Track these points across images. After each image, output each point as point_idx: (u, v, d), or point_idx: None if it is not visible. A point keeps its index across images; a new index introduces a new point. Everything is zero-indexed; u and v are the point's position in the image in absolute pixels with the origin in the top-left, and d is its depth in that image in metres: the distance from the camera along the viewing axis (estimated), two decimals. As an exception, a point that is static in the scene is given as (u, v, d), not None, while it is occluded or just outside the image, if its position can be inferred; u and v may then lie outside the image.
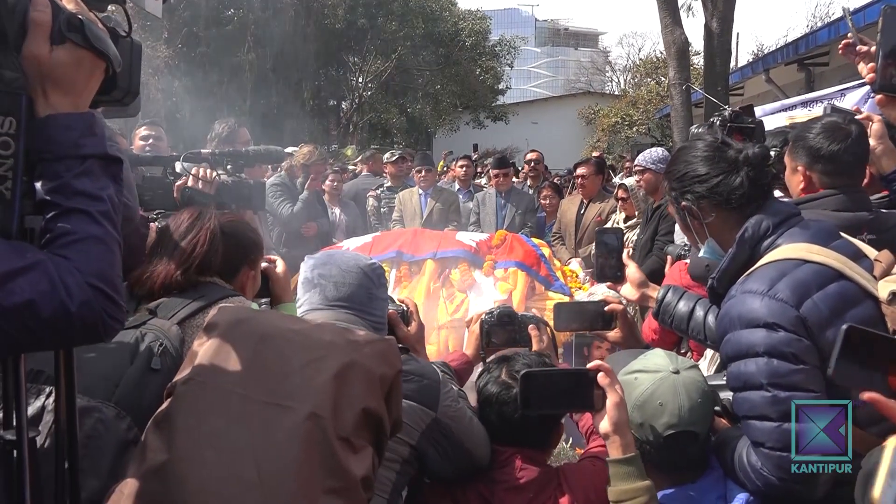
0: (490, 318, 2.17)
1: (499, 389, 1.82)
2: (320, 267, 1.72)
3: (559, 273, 4.24)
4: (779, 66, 11.12)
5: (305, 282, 1.73)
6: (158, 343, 1.66)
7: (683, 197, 1.79)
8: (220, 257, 1.88)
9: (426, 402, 1.67)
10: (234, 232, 1.94)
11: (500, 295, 3.77)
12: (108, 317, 1.06)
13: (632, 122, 26.05)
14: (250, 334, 1.38)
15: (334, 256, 1.75)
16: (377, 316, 1.73)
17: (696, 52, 20.23)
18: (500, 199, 6.09)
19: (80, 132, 1.09)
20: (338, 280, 1.69)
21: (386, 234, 4.70)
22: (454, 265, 4.06)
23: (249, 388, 1.30)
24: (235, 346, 1.36)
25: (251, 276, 2.00)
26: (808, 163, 2.19)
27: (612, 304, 2.17)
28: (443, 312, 3.78)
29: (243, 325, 1.40)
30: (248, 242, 1.98)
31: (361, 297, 1.70)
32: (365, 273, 1.72)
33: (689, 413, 1.64)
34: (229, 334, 1.38)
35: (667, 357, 1.74)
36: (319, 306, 1.68)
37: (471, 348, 2.19)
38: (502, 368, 1.86)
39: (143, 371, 1.61)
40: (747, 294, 1.58)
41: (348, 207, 6.40)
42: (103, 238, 1.08)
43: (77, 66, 1.09)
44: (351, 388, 1.31)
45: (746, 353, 1.54)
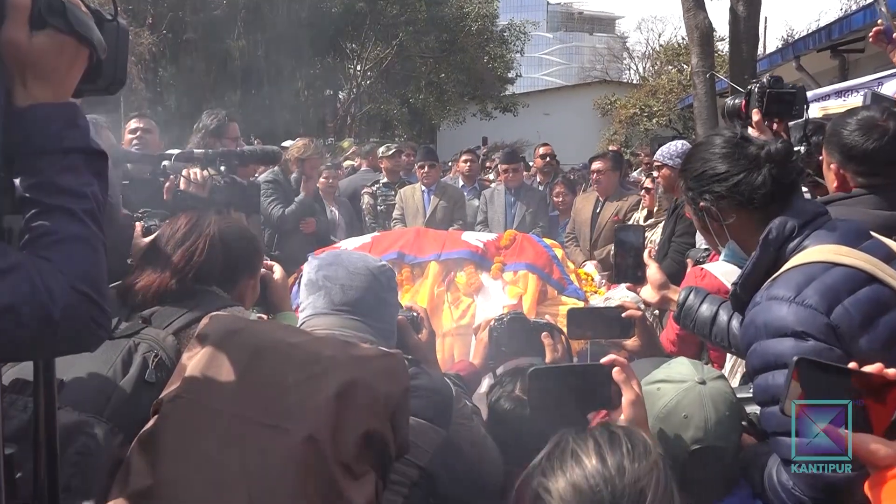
0: (500, 325, 2.17)
1: (513, 406, 1.82)
2: (326, 268, 1.70)
3: (573, 276, 4.23)
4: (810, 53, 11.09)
5: (309, 284, 1.70)
6: (153, 354, 1.65)
7: (701, 197, 1.78)
8: (220, 266, 1.89)
9: (438, 420, 1.65)
10: (234, 239, 1.94)
11: (510, 300, 3.77)
12: (93, 323, 1.06)
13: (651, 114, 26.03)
14: (244, 347, 1.37)
15: (341, 257, 1.73)
16: (386, 323, 1.72)
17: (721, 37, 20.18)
18: (509, 197, 6.09)
19: (63, 124, 1.08)
20: (345, 283, 1.67)
21: (386, 235, 4.70)
22: (460, 267, 4.05)
23: (242, 407, 1.29)
24: (227, 360, 1.34)
25: (251, 285, 2.00)
26: (842, 161, 2.18)
27: (629, 311, 2.16)
28: (448, 319, 3.77)
29: (236, 336, 1.39)
30: (249, 250, 1.99)
31: (370, 301, 1.68)
32: (374, 276, 1.70)
33: (717, 427, 1.63)
34: (221, 347, 1.37)
35: (692, 366, 1.73)
36: (324, 311, 1.66)
37: (478, 357, 2.18)
38: (516, 383, 1.86)
39: (137, 384, 1.61)
40: (773, 301, 1.58)
41: (344, 205, 6.41)
42: (88, 238, 1.07)
43: (59, 53, 1.08)
44: (352, 409, 1.28)
45: (774, 364, 1.54)
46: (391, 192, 6.37)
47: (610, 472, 1.09)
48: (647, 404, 1.68)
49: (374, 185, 6.51)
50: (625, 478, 1.08)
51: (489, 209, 6.13)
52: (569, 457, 1.13)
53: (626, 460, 1.10)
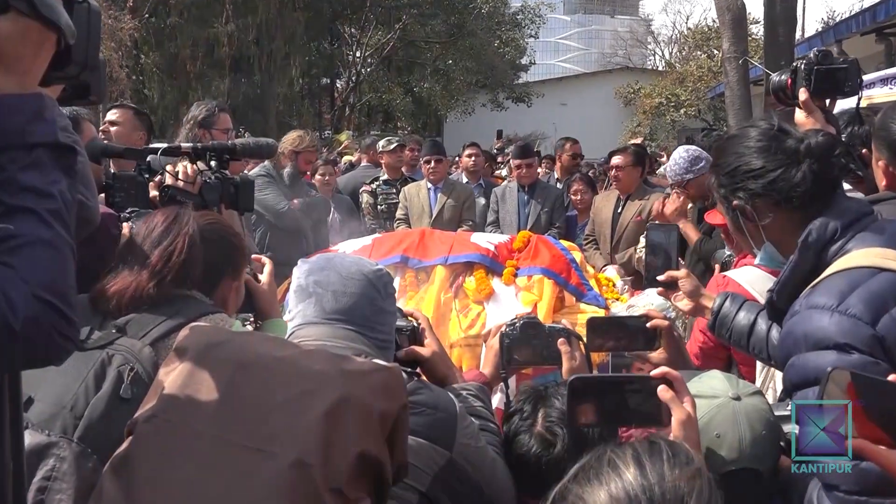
0: (512, 331, 2.16)
1: (537, 448, 1.80)
2: (317, 273, 1.68)
3: (593, 282, 4.21)
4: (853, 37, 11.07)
5: (299, 290, 1.68)
6: (129, 367, 1.63)
7: (735, 195, 1.77)
8: (200, 267, 1.87)
9: (440, 440, 1.63)
10: (215, 237, 1.92)
11: (524, 307, 3.76)
12: (59, 335, 1.04)
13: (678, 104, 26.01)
14: (226, 362, 1.36)
15: (333, 261, 1.71)
16: (383, 333, 1.69)
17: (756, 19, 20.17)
18: (522, 195, 6.09)
19: (28, 117, 1.07)
20: (337, 289, 1.65)
21: (388, 236, 4.70)
22: (469, 272, 4.04)
23: (224, 428, 1.28)
24: (208, 376, 1.33)
25: (234, 287, 1.98)
26: (890, 157, 2.17)
27: (655, 320, 2.15)
28: (455, 328, 3.77)
29: (218, 350, 1.38)
30: (231, 249, 1.97)
31: (365, 309, 1.66)
32: (370, 281, 1.68)
33: (752, 447, 1.62)
34: (201, 362, 1.36)
35: (725, 380, 1.72)
36: (315, 320, 1.64)
37: (489, 366, 2.17)
38: (538, 415, 1.84)
39: (112, 400, 1.58)
40: (814, 310, 1.56)
41: (343, 204, 6.42)
42: (53, 242, 1.06)
43: (22, 39, 1.07)
44: (344, 429, 1.27)
45: (815, 379, 1.53)
46: (392, 191, 6.37)
47: (649, 480, 1.08)
48: (675, 422, 1.67)
49: (373, 183, 6.51)
50: (665, 485, 1.08)
51: (501, 208, 6.12)
52: (606, 466, 1.12)
53: (667, 467, 1.10)
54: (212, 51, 18.76)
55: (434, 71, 26.50)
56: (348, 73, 24.94)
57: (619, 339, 2.18)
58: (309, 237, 5.46)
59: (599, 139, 23.37)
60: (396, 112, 25.20)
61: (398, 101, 24.58)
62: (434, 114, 27.83)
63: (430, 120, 28.55)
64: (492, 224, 6.10)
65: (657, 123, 26.90)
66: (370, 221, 6.31)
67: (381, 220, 6.27)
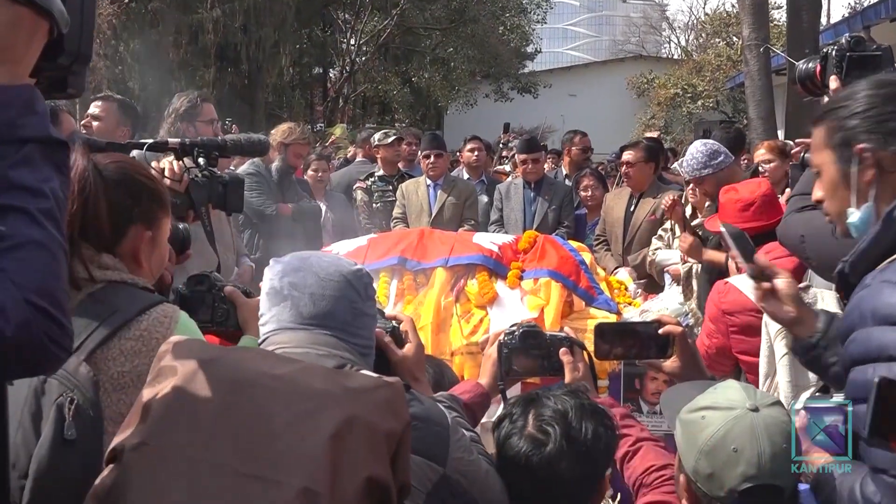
0: (511, 340, 2.17)
1: (528, 448, 1.81)
2: (292, 274, 1.66)
3: (603, 285, 4.22)
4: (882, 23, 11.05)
5: (272, 293, 1.66)
6: (68, 399, 1.51)
7: (869, 136, 1.73)
8: (105, 218, 1.75)
9: (433, 455, 1.64)
10: (118, 177, 1.80)
11: (530, 312, 3.77)
12: (50, 342, 1.04)
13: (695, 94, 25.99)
14: (219, 381, 1.34)
15: (309, 260, 1.69)
16: (363, 338, 1.68)
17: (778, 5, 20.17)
18: (528, 192, 6.09)
19: (19, 110, 1.07)
20: (315, 291, 1.63)
21: (385, 237, 4.71)
22: (471, 275, 4.05)
23: (221, 454, 1.27)
24: (201, 397, 1.32)
25: (147, 238, 1.85)
26: None
27: (667, 326, 2.16)
28: (457, 334, 3.78)
29: (209, 368, 1.36)
30: (139, 189, 1.84)
31: (344, 313, 1.64)
32: (349, 282, 1.66)
33: (772, 462, 1.63)
34: (192, 382, 1.34)
35: (742, 390, 1.73)
36: (290, 325, 1.62)
37: (486, 377, 2.18)
38: (528, 416, 1.85)
39: (56, 447, 1.47)
40: (886, 284, 1.57)
41: (337, 202, 6.42)
42: (45, 243, 1.06)
43: (13, 27, 1.07)
44: (352, 452, 1.26)
45: (877, 356, 1.53)
46: (388, 187, 6.37)
47: None
48: (690, 435, 1.68)
49: (368, 179, 6.50)
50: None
51: (505, 206, 6.13)
52: None
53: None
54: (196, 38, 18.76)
55: (434, 60, 26.50)
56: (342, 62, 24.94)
57: (630, 347, 2.19)
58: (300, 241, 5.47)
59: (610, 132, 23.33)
60: (393, 104, 25.19)
61: (395, 91, 24.56)
62: (434, 105, 27.82)
63: (430, 112, 28.54)
64: (495, 223, 6.10)
65: (672, 116, 26.87)
66: (365, 220, 6.30)
67: (376, 219, 6.27)
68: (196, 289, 2.12)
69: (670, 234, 4.97)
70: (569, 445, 1.77)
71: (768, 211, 3.38)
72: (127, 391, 1.63)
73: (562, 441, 1.77)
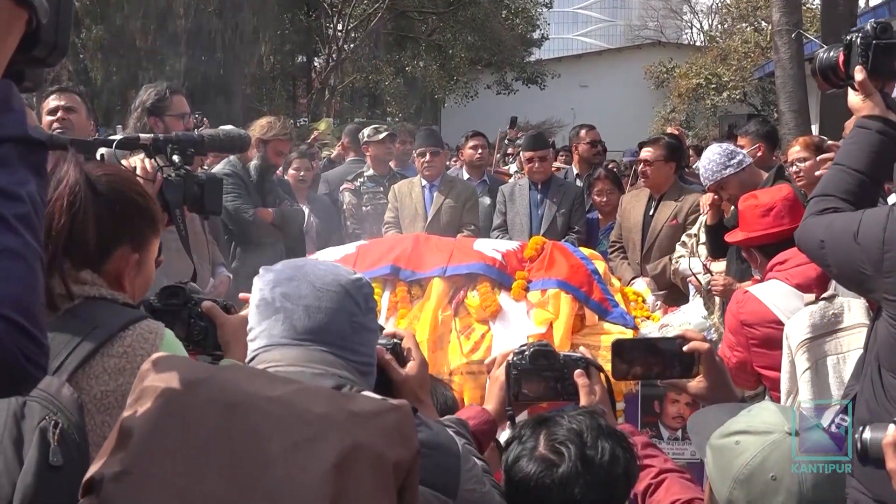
0: (520, 360, 2.17)
1: (538, 469, 1.81)
2: (285, 283, 1.66)
3: (618, 297, 4.22)
4: (927, 6, 11.09)
5: (263, 304, 1.67)
6: (52, 422, 1.52)
7: None
8: (93, 234, 1.77)
9: (443, 486, 1.64)
10: (108, 192, 1.82)
11: (537, 327, 3.77)
12: (25, 360, 1.04)
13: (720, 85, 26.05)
14: (210, 404, 1.34)
15: (304, 269, 1.69)
16: (363, 355, 1.69)
17: (811, -14, 20.22)
18: (535, 194, 6.10)
19: None
20: (310, 303, 1.63)
21: (375, 243, 4.71)
22: (471, 285, 4.05)
23: (211, 485, 1.27)
24: (189, 421, 1.31)
25: (133, 261, 1.88)
26: None
27: (693, 342, 2.16)
28: (456, 352, 3.78)
29: (199, 389, 1.36)
30: (131, 208, 1.87)
31: (342, 327, 1.64)
32: (348, 293, 1.66)
33: (814, 490, 1.63)
34: (179, 404, 1.34)
35: (780, 413, 1.73)
36: (283, 341, 1.62)
37: (493, 402, 2.17)
38: (539, 437, 1.85)
39: (42, 474, 1.47)
40: None
41: (321, 206, 6.41)
42: (21, 252, 1.06)
43: None
44: (357, 484, 1.27)
45: None
46: (379, 189, 6.36)
47: None
48: (723, 463, 1.68)
49: (356, 180, 6.49)
50: None
51: (509, 210, 6.13)
52: None
53: None
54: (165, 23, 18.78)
55: (429, 47, 26.58)
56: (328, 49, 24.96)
57: (651, 366, 2.19)
58: (281, 248, 5.46)
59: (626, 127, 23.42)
60: (385, 96, 25.22)
61: (387, 82, 24.60)
62: (430, 98, 27.87)
63: (425, 105, 28.58)
64: (498, 228, 6.11)
65: (695, 109, 26.94)
66: (353, 226, 6.29)
67: (366, 225, 6.26)
68: (170, 303, 2.09)
69: (694, 240, 4.98)
70: (584, 467, 1.77)
71: (790, 214, 3.42)
72: (111, 412, 1.64)
73: (576, 462, 1.77)
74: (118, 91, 17.92)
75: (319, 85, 24.63)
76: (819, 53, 2.57)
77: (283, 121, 5.98)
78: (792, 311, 3.04)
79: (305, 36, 24.81)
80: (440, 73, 26.35)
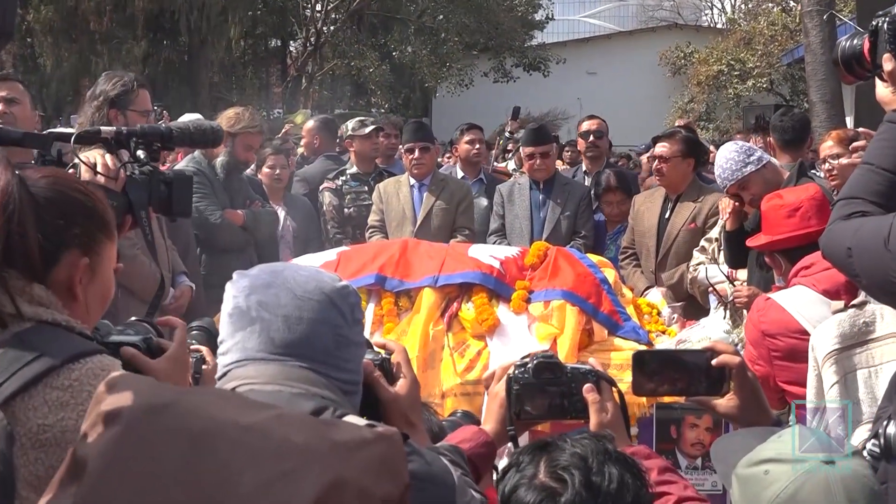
0: (522, 374, 2.15)
1: (539, 498, 1.80)
2: (261, 291, 1.66)
3: (631, 309, 4.23)
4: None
5: (237, 314, 1.66)
6: None
7: None
8: (35, 241, 1.76)
9: None
10: (51, 195, 1.83)
11: (539, 344, 3.77)
12: None
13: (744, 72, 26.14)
14: (175, 433, 1.31)
15: (283, 274, 1.69)
16: (348, 372, 1.69)
17: (845, -39, 20.31)
18: (536, 194, 6.09)
19: None
20: (290, 313, 1.63)
21: (359, 249, 4.71)
22: (466, 297, 4.06)
23: None
24: (150, 452, 1.30)
25: (83, 266, 1.86)
26: None
27: (723, 355, 2.16)
28: (449, 371, 3.78)
29: (162, 414, 1.33)
30: (77, 209, 1.87)
31: (325, 341, 1.64)
32: (332, 302, 1.66)
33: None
34: (140, 432, 1.31)
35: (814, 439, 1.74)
36: (259, 355, 1.62)
37: (492, 421, 2.16)
38: (540, 463, 1.85)
39: None
40: None
41: (298, 207, 6.40)
42: None
43: None
44: None
45: None
46: (364, 188, 6.33)
47: None
48: (751, 494, 1.68)
49: (338, 178, 6.45)
50: None
51: (508, 211, 6.12)
52: None
53: None
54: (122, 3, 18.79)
55: (419, 30, 26.59)
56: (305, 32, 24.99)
57: (675, 382, 2.18)
58: (252, 255, 5.46)
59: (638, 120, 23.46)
60: (370, 84, 25.25)
61: (372, 69, 24.62)
62: (419, 87, 27.91)
63: (414, 95, 28.64)
64: (496, 233, 6.10)
65: (716, 99, 27.00)
66: (334, 230, 6.27)
67: (348, 228, 6.25)
68: None
69: (715, 245, 4.98)
70: (589, 494, 1.76)
71: (818, 215, 3.43)
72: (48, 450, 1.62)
73: (581, 490, 1.76)
74: (69, 79, 17.93)
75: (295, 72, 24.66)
76: (841, 42, 2.57)
77: (253, 112, 5.97)
78: (818, 320, 3.03)
79: (280, 17, 24.82)
80: (431, 58, 26.37)
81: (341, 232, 6.21)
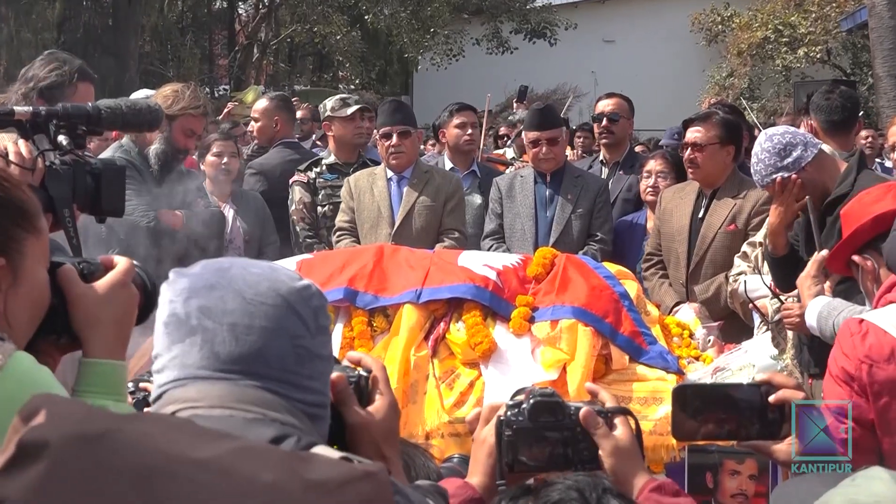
0: (515, 416, 2.15)
1: None
2: (204, 294, 1.66)
3: (657, 329, 4.24)
4: None
5: (173, 323, 1.67)
6: None
7: None
8: None
9: None
10: None
11: (545, 372, 3.78)
12: None
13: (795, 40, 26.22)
14: (116, 471, 1.30)
15: (230, 274, 1.69)
16: (313, 392, 1.69)
17: None
18: (542, 188, 6.11)
19: None
20: (238, 321, 1.63)
21: (325, 257, 4.72)
22: (456, 315, 4.07)
23: None
24: (87, 494, 1.28)
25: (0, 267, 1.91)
26: None
27: (782, 391, 2.17)
28: (434, 406, 3.79)
29: (99, 447, 1.31)
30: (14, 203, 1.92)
31: (283, 353, 1.65)
32: (290, 307, 1.67)
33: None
34: (69, 469, 1.29)
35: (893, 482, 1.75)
36: (202, 373, 1.62)
37: (479, 473, 2.16)
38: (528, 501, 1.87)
39: None
40: None
41: (250, 205, 6.39)
42: None
43: None
44: None
45: None
46: (340, 182, 6.19)
47: None
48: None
49: (311, 170, 6.42)
50: None
51: (507, 210, 6.13)
52: None
53: None
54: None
55: (397, -10, 26.65)
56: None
57: (722, 423, 2.19)
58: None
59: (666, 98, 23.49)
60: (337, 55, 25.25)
61: (339, 36, 24.63)
62: (398, 57, 27.91)
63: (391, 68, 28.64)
64: (492, 236, 6.12)
65: (761, 72, 27.09)
66: (304, 233, 6.22)
67: (322, 231, 6.20)
68: None
69: (759, 250, 4.97)
70: None
71: None
72: None
73: None
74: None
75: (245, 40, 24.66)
76: None
77: (195, 89, 5.94)
78: None
79: (226, -27, 24.85)
80: (412, 23, 26.36)
81: (313, 235, 6.16)
